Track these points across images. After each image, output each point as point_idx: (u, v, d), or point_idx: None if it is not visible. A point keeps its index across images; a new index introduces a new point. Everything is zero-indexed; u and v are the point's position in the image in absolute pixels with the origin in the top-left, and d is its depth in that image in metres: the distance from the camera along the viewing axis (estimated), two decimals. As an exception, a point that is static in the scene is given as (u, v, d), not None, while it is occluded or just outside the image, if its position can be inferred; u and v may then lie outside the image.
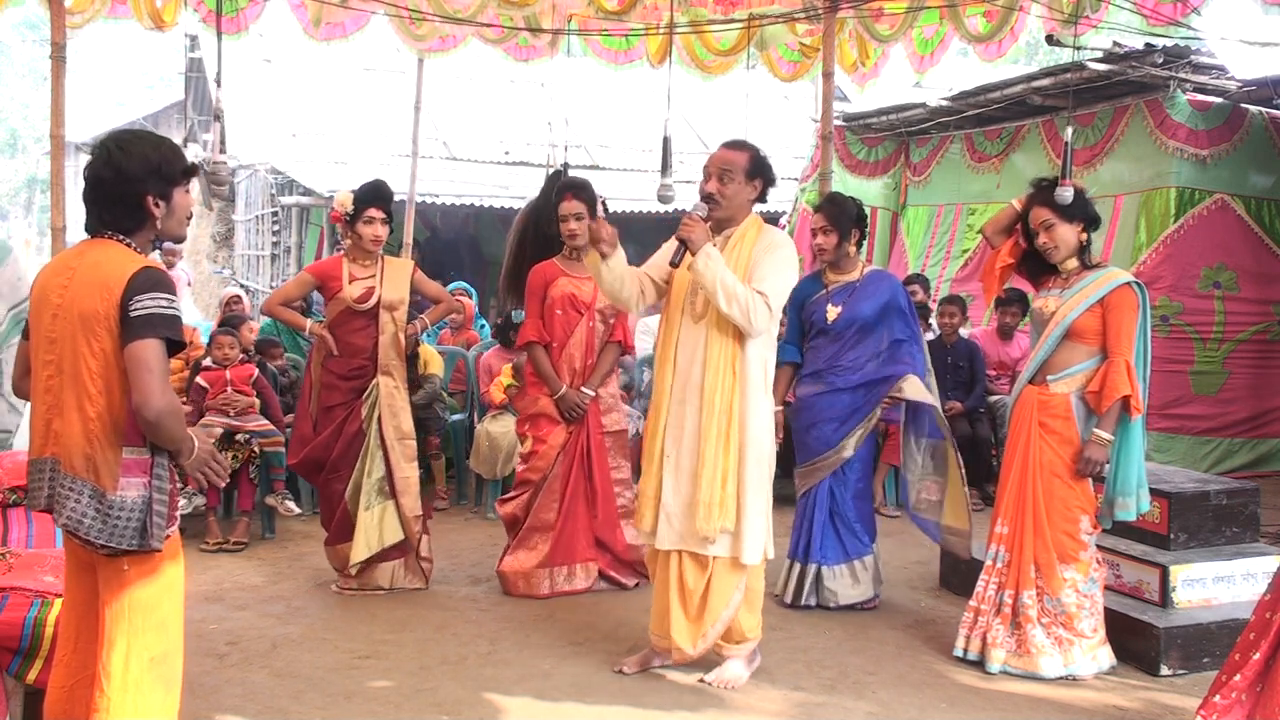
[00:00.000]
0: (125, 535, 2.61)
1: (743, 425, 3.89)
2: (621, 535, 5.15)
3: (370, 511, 4.97)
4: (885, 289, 4.92)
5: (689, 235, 3.82)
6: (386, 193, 5.09)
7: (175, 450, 2.66)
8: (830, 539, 4.85)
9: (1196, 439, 7.62)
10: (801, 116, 15.24)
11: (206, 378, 6.00)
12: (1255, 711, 3.13)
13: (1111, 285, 4.08)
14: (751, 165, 3.99)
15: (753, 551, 3.93)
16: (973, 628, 4.28)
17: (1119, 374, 4.01)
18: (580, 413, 5.06)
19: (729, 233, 4.00)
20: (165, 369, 2.59)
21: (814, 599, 4.86)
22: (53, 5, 5.99)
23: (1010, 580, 4.20)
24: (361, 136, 14.57)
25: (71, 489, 2.61)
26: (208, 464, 2.72)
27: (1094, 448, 4.07)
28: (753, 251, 3.93)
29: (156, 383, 2.54)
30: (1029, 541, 4.15)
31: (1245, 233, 7.77)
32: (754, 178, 4.00)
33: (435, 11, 6.95)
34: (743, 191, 3.99)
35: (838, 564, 4.86)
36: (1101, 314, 4.07)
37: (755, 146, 4.07)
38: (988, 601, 4.25)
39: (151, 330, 2.56)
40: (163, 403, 2.54)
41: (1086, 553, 4.14)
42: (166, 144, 2.76)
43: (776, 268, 3.90)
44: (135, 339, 2.55)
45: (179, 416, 2.61)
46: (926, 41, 7.10)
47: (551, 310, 5.09)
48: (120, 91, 33.08)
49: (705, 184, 3.99)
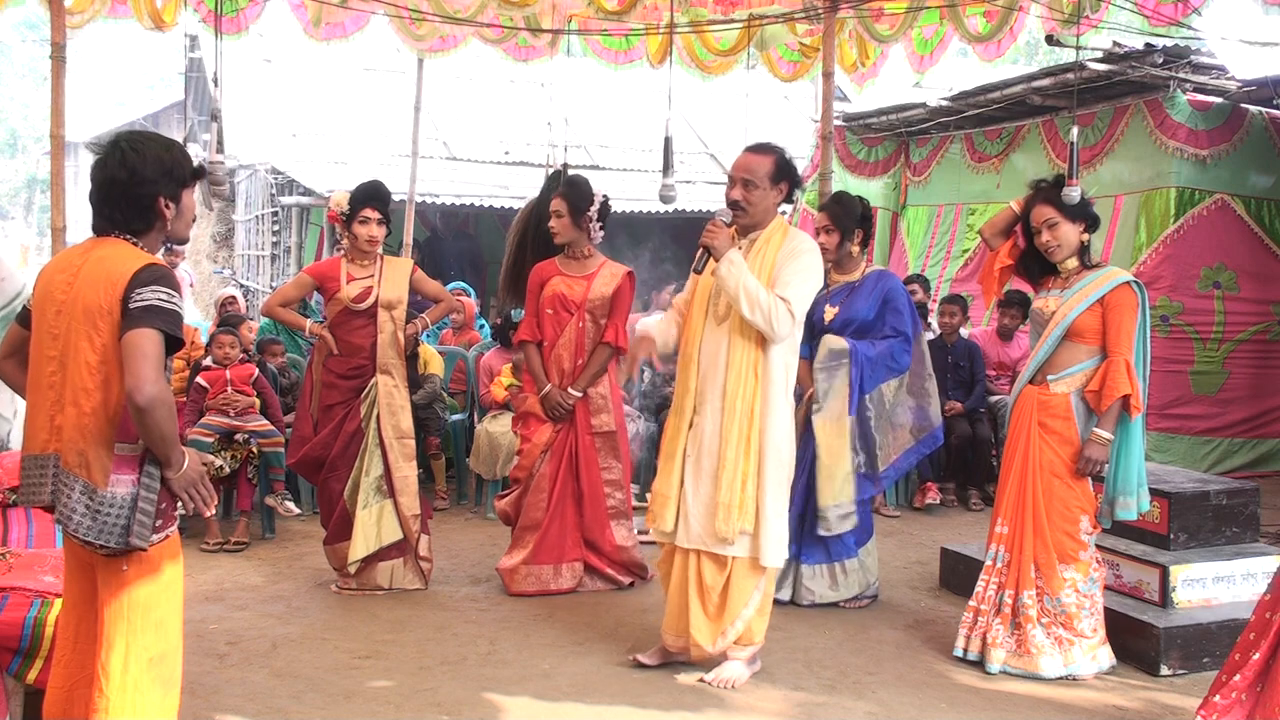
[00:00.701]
0: (113, 533, 2.59)
1: (764, 428, 3.91)
2: (610, 535, 5.15)
3: (368, 510, 4.97)
4: (884, 289, 4.92)
5: (712, 242, 3.85)
6: (382, 193, 5.08)
7: (164, 458, 2.62)
8: (809, 537, 4.81)
9: (1196, 439, 7.62)
10: (801, 116, 15.25)
11: (206, 377, 6.00)
12: (1255, 711, 3.12)
13: (1111, 284, 4.08)
14: (776, 170, 3.97)
15: (772, 553, 3.94)
16: (972, 628, 4.28)
17: (1119, 373, 4.01)
18: (562, 413, 5.05)
19: (754, 236, 4.00)
20: (160, 358, 2.56)
21: (787, 593, 4.83)
22: (53, 5, 5.99)
23: (1010, 580, 4.20)
24: (361, 136, 14.56)
25: (66, 484, 2.61)
26: (196, 486, 2.68)
27: (1094, 447, 4.06)
28: (777, 256, 3.92)
29: (150, 369, 2.51)
30: (1029, 541, 4.15)
31: (1245, 233, 7.78)
32: (779, 181, 3.99)
33: (435, 11, 6.95)
34: (768, 196, 3.98)
35: (818, 564, 4.84)
36: (1101, 313, 4.07)
37: (779, 149, 4.04)
38: (987, 601, 4.25)
39: (150, 320, 2.55)
40: (154, 389, 2.51)
41: (1086, 553, 4.14)
42: (176, 145, 2.77)
43: (800, 273, 3.89)
44: (133, 327, 2.54)
45: (170, 409, 2.58)
46: (926, 41, 7.10)
47: (542, 310, 5.10)
48: (120, 91, 33.09)
49: (730, 191, 3.98)
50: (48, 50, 5.94)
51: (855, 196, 5.12)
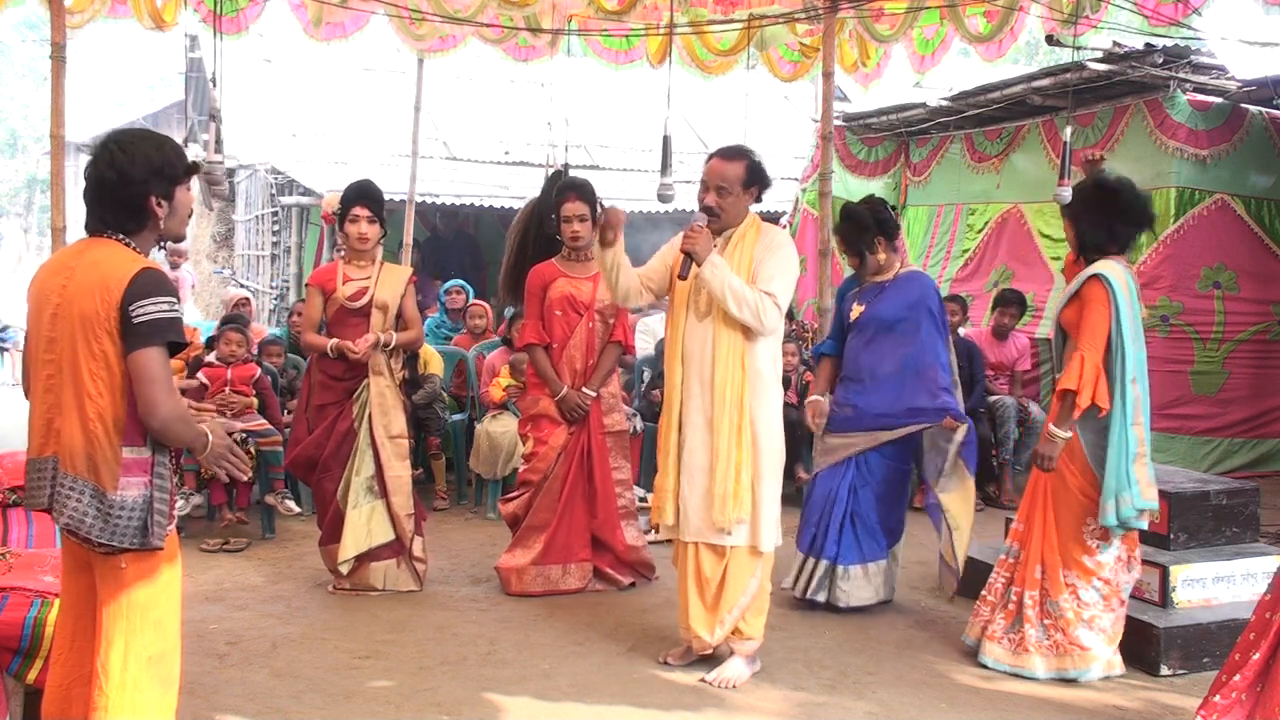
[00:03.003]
0: (127, 534, 2.62)
1: (754, 418, 3.98)
2: (621, 535, 5.15)
3: (358, 510, 4.96)
4: (914, 290, 4.86)
5: (693, 248, 3.93)
6: (372, 191, 5.06)
7: (191, 449, 2.70)
8: (849, 538, 4.77)
9: (1196, 439, 7.62)
10: (801, 116, 15.22)
11: (207, 374, 6.01)
12: (1255, 711, 3.13)
13: (1082, 279, 4.08)
14: (748, 175, 4.06)
15: (768, 538, 4.01)
16: (978, 616, 4.32)
17: (1070, 368, 3.96)
18: (581, 413, 5.06)
19: (729, 234, 4.08)
20: (168, 375, 2.61)
21: (824, 595, 4.79)
22: (53, 5, 5.98)
23: (1018, 577, 4.21)
24: (361, 136, 14.55)
25: (72, 489, 2.61)
26: (226, 457, 2.76)
27: (1043, 442, 4.07)
28: (754, 252, 4.02)
29: (160, 392, 2.57)
30: (1035, 541, 4.15)
31: (1245, 233, 7.77)
32: (750, 186, 4.08)
33: (435, 11, 6.95)
34: (741, 201, 4.08)
35: (853, 564, 4.79)
36: (1079, 308, 4.06)
37: (749, 154, 4.11)
38: (994, 594, 4.28)
39: (154, 338, 2.58)
40: (167, 411, 2.58)
41: (1092, 558, 4.08)
42: (169, 143, 2.76)
43: (781, 267, 4.00)
44: (138, 348, 2.56)
45: (186, 421, 2.65)
46: (927, 41, 7.10)
47: (551, 311, 5.09)
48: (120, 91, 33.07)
49: (704, 196, 4.06)
50: (48, 50, 5.94)
51: (867, 207, 4.95)
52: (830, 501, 4.79)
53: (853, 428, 4.79)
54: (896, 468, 4.85)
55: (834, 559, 4.78)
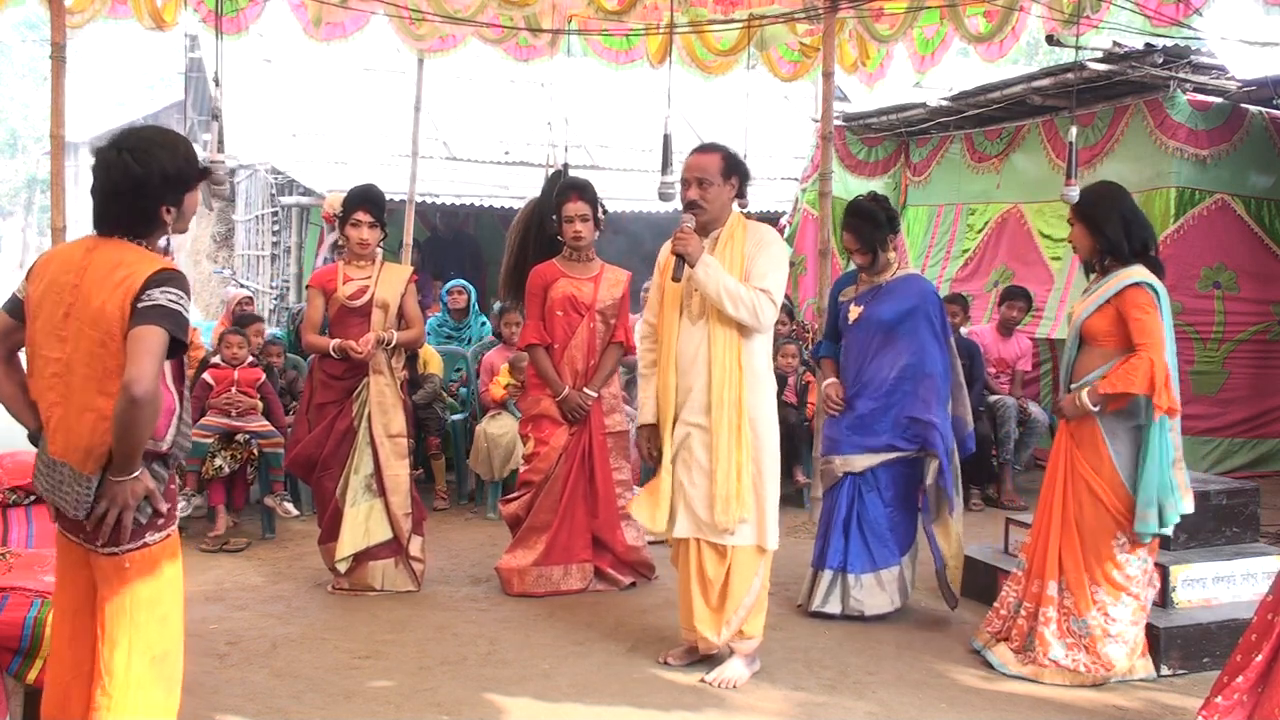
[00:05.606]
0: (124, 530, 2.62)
1: (752, 417, 3.99)
2: (622, 536, 5.15)
3: (356, 508, 4.96)
4: (913, 294, 4.77)
5: (685, 249, 3.93)
6: (375, 196, 5.05)
7: (126, 458, 2.56)
8: (856, 545, 4.68)
9: (1196, 439, 7.61)
10: (801, 116, 15.20)
11: (213, 375, 6.01)
12: (1256, 713, 3.12)
13: (1120, 286, 3.98)
14: (725, 165, 4.07)
15: (773, 537, 4.02)
16: (989, 626, 4.31)
17: (1134, 365, 3.86)
18: (583, 414, 5.07)
19: (716, 234, 4.09)
20: (162, 357, 2.54)
21: (837, 606, 4.71)
22: (53, 5, 5.98)
23: (1027, 592, 4.18)
24: (361, 136, 14.55)
25: (79, 482, 2.60)
26: (128, 507, 2.60)
27: (1068, 402, 4.03)
28: (744, 250, 4.03)
29: (151, 365, 2.49)
30: (1053, 555, 4.08)
31: (1245, 233, 7.77)
32: (729, 176, 4.08)
33: (435, 11, 6.95)
34: (722, 193, 4.08)
35: (865, 572, 4.69)
36: (1113, 315, 3.98)
37: (724, 146, 4.17)
38: (1007, 607, 4.26)
39: (158, 319, 2.54)
40: (152, 385, 2.49)
41: (1122, 573, 4.00)
42: (182, 146, 2.73)
43: (773, 264, 4.02)
44: (141, 324, 2.53)
45: (156, 413, 2.56)
46: (927, 41, 7.10)
47: (552, 312, 5.09)
48: (120, 91, 33.11)
49: (686, 192, 4.07)
50: (48, 50, 5.93)
51: (875, 206, 4.87)
52: (832, 510, 4.76)
53: (846, 450, 4.73)
54: (903, 472, 4.77)
55: (840, 567, 4.70)
